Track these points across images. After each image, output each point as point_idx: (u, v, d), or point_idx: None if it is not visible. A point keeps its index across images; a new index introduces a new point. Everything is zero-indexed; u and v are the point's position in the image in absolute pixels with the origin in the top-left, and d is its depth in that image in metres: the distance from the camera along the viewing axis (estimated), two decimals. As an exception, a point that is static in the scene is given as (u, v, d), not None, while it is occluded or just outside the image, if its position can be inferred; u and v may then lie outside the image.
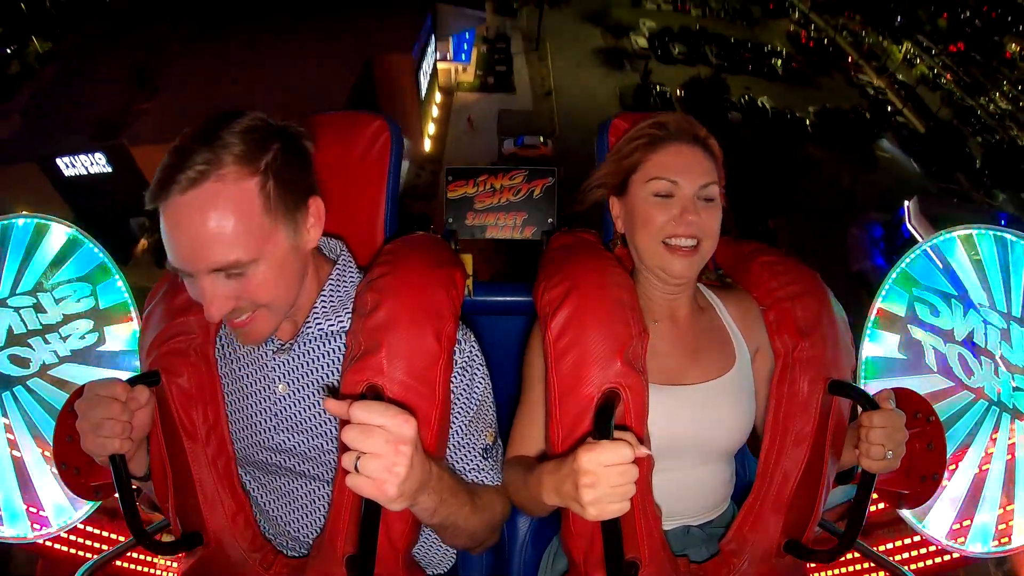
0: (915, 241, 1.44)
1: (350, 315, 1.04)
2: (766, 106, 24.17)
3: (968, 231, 1.38)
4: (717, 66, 26.99)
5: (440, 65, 21.01)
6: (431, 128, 19.70)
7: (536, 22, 27.41)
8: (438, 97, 21.12)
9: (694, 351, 1.13)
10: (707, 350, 1.14)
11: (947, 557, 1.48)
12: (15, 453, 1.40)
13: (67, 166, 13.01)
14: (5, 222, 1.40)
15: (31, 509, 1.41)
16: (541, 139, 18.96)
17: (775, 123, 23.23)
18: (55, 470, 1.22)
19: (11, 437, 1.40)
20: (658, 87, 23.90)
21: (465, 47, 21.73)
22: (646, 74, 25.25)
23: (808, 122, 23.82)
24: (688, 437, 1.09)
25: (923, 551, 1.52)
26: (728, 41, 29.63)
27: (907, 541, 1.52)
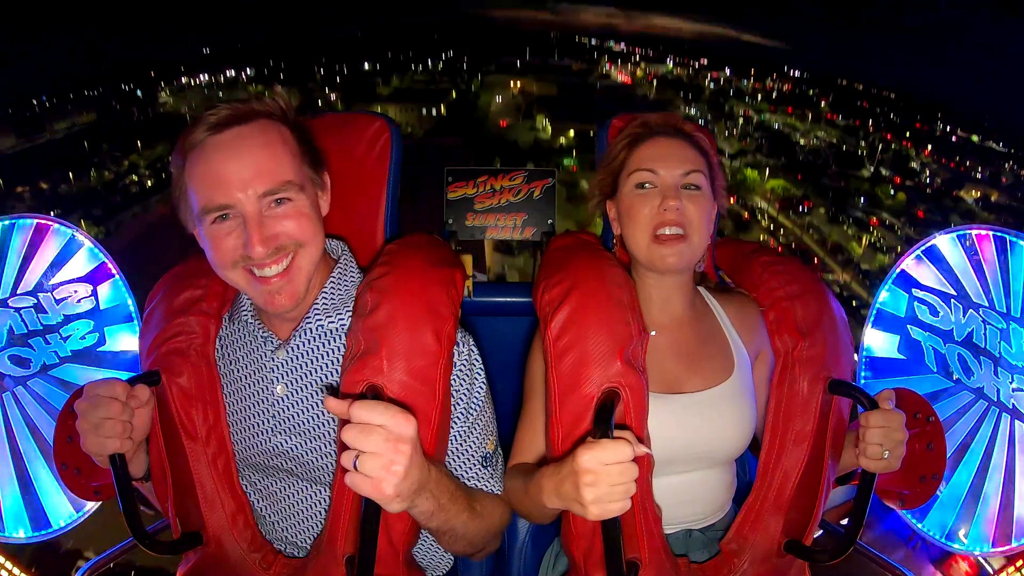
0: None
1: (350, 314, 1.04)
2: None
3: (968, 231, 1.38)
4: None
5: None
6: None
7: (531, 262, 29.94)
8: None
9: (693, 359, 1.13)
10: (706, 358, 1.13)
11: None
12: (15, 453, 1.40)
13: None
14: (5, 222, 1.40)
15: (31, 509, 1.41)
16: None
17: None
18: (56, 470, 1.22)
19: (11, 437, 1.40)
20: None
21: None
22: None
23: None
24: (688, 444, 1.08)
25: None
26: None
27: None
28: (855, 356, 1.28)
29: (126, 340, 1.44)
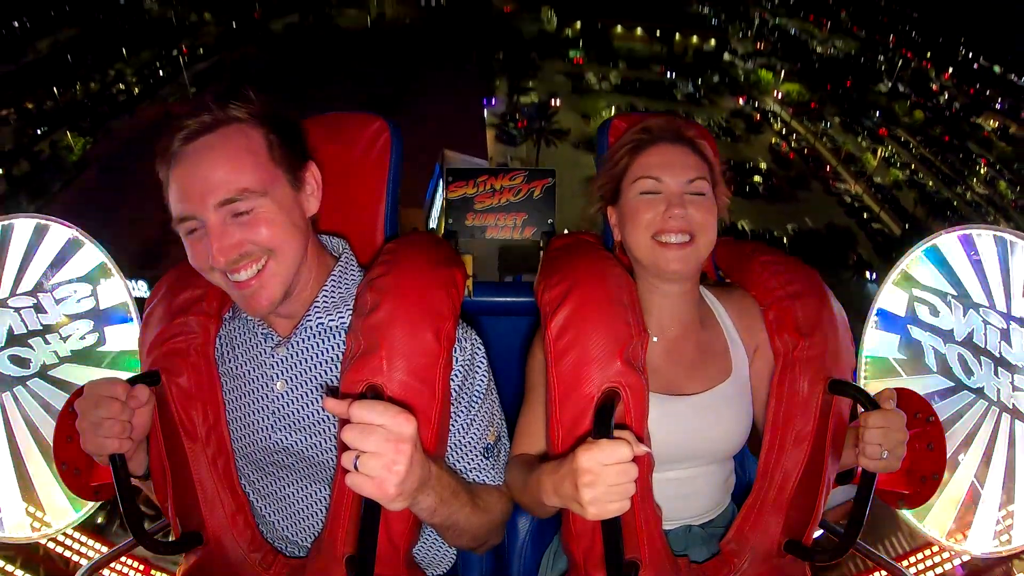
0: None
1: (351, 312, 1.04)
2: (745, 228, 26.02)
3: (968, 231, 1.38)
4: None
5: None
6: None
7: (535, 152, 28.71)
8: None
9: (693, 364, 1.13)
10: (706, 361, 1.14)
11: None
12: (15, 453, 1.40)
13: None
14: (5, 222, 1.40)
15: (31, 509, 1.41)
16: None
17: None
18: (55, 470, 1.22)
19: (11, 437, 1.40)
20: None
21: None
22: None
23: (785, 240, 26.02)
24: (687, 444, 1.09)
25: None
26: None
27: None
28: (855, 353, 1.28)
29: (126, 340, 1.44)
